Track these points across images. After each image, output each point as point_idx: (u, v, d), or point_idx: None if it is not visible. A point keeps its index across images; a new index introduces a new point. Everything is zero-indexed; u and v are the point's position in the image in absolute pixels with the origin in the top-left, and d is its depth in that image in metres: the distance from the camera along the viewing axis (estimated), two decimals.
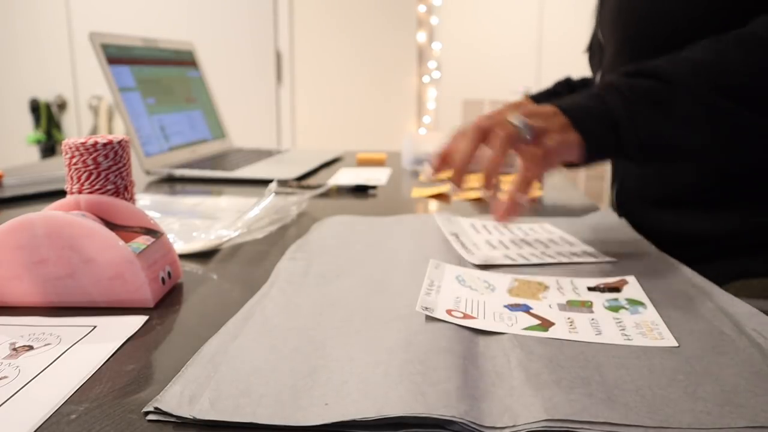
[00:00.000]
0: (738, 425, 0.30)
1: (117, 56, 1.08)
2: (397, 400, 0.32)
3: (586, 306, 0.47)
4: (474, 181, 1.02)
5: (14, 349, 0.40)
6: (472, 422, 0.30)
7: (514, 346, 0.39)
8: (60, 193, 0.90)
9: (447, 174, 1.09)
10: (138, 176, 1.06)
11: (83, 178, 0.52)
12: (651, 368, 0.36)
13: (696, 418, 0.31)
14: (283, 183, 0.98)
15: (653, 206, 0.80)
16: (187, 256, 0.61)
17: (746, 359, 0.37)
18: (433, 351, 0.37)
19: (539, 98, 1.03)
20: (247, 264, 0.59)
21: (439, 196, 0.93)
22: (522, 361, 0.37)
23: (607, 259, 0.59)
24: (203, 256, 0.62)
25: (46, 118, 3.30)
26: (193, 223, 0.72)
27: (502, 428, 0.30)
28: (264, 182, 1.02)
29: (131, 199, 0.56)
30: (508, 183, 1.02)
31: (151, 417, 0.32)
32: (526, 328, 0.42)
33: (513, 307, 0.46)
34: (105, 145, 0.52)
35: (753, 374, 0.35)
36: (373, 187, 0.96)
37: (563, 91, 1.06)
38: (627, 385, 0.34)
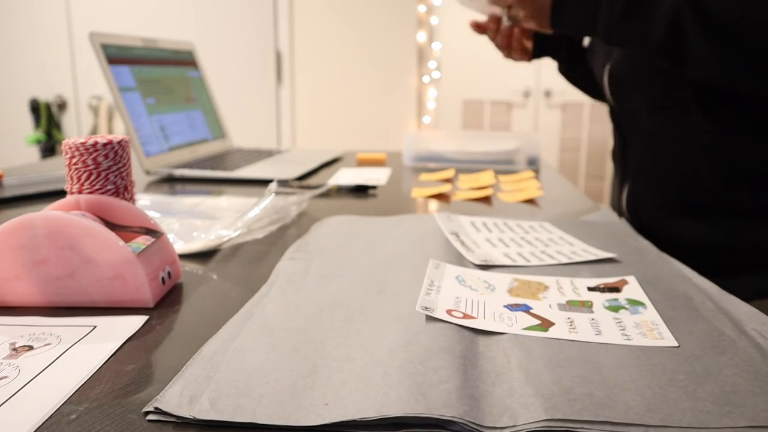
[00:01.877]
0: (738, 425, 0.30)
1: (117, 56, 1.08)
2: (397, 400, 0.32)
3: (586, 306, 0.47)
4: (472, 181, 1.02)
5: (14, 349, 0.40)
6: (471, 422, 0.30)
7: (514, 346, 0.39)
8: (60, 193, 0.90)
9: (448, 174, 1.08)
10: (138, 176, 1.06)
11: (83, 178, 0.52)
12: (651, 368, 0.36)
13: (696, 418, 0.31)
14: (283, 183, 0.98)
15: (670, 214, 0.76)
16: (187, 256, 0.61)
17: (746, 359, 0.37)
18: (433, 351, 0.37)
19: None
20: (247, 264, 0.59)
21: (439, 196, 0.93)
22: (522, 361, 0.37)
23: (607, 256, 0.59)
24: (203, 256, 0.62)
25: (46, 118, 3.30)
26: (193, 223, 0.72)
27: (502, 428, 0.30)
28: (264, 182, 1.02)
29: (131, 199, 0.56)
30: (509, 182, 1.02)
31: (151, 417, 0.32)
32: (526, 328, 0.42)
33: (513, 307, 0.46)
34: (105, 145, 0.52)
35: (753, 374, 0.35)
36: (373, 187, 0.96)
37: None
38: (627, 384, 0.34)
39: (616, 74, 0.82)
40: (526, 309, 0.46)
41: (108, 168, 0.53)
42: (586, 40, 1.03)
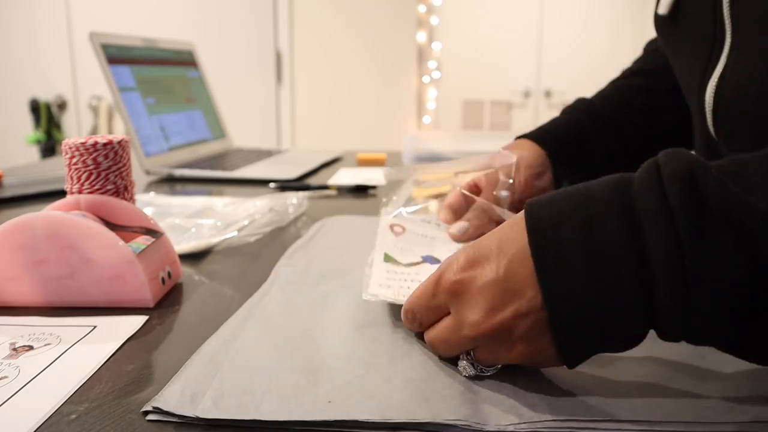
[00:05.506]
0: (741, 420, 0.31)
1: (117, 56, 1.08)
2: (401, 405, 0.32)
3: None
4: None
5: (14, 349, 0.40)
6: (476, 423, 0.30)
7: None
8: (60, 193, 0.90)
9: (450, 174, 1.08)
10: (138, 176, 1.06)
11: (83, 178, 0.52)
12: (654, 365, 0.36)
13: (700, 413, 0.31)
14: (283, 183, 0.98)
15: None
16: (186, 257, 0.61)
17: None
18: (434, 357, 0.38)
19: (546, 140, 0.68)
20: (247, 264, 0.59)
21: (439, 196, 0.92)
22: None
23: None
24: (201, 256, 0.62)
25: (46, 118, 3.29)
26: (192, 223, 0.71)
27: (507, 425, 0.30)
28: (264, 182, 1.01)
29: (131, 199, 0.55)
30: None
31: (150, 417, 0.32)
32: None
33: None
34: (105, 145, 0.52)
35: (755, 370, 0.36)
36: (373, 187, 0.96)
37: (587, 128, 0.68)
38: (630, 382, 0.34)
39: (734, 94, 0.48)
40: None
41: (108, 168, 0.53)
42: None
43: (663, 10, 0.53)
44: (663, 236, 0.29)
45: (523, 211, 0.34)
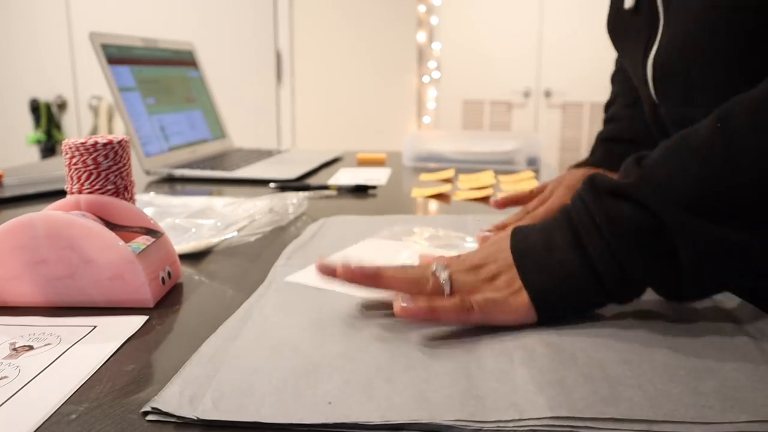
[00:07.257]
0: (740, 419, 0.31)
1: (117, 56, 1.08)
2: (401, 406, 0.32)
3: None
4: (472, 181, 1.02)
5: (14, 349, 0.40)
6: (476, 422, 0.31)
7: (517, 347, 0.39)
8: (60, 193, 0.90)
9: (448, 174, 1.08)
10: (138, 176, 1.05)
11: (83, 178, 0.52)
12: (652, 364, 0.36)
13: (698, 413, 0.31)
14: (283, 183, 0.98)
15: None
16: (185, 257, 0.61)
17: (746, 355, 0.37)
18: (434, 357, 0.38)
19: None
20: (247, 264, 0.59)
21: (439, 196, 0.92)
22: (525, 361, 0.37)
23: None
24: (201, 256, 0.62)
25: (46, 118, 3.29)
26: (192, 223, 0.71)
27: (507, 421, 0.31)
28: (264, 182, 1.02)
29: (131, 199, 0.56)
30: (509, 182, 1.02)
31: (150, 417, 0.32)
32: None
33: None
34: (105, 145, 0.52)
35: (753, 370, 0.36)
36: (373, 187, 0.96)
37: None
38: (629, 380, 0.34)
39: (665, 60, 0.56)
40: None
41: (108, 168, 0.53)
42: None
43: (629, 4, 0.62)
44: (579, 209, 0.43)
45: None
